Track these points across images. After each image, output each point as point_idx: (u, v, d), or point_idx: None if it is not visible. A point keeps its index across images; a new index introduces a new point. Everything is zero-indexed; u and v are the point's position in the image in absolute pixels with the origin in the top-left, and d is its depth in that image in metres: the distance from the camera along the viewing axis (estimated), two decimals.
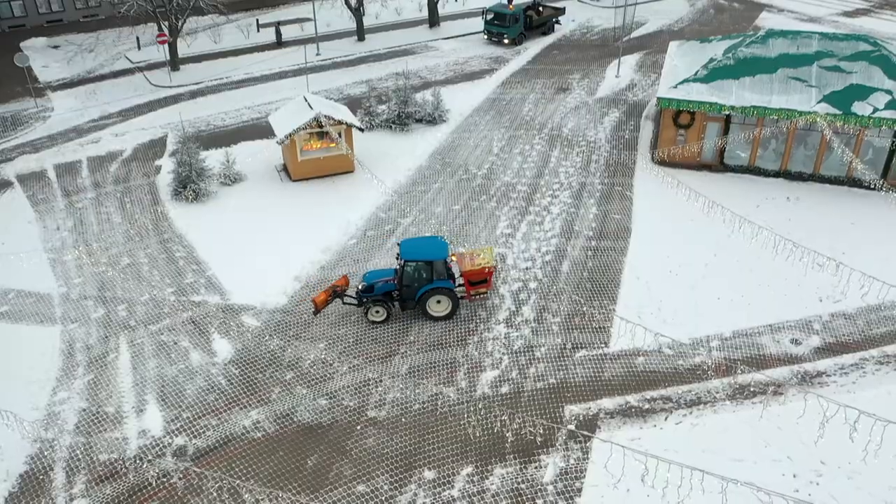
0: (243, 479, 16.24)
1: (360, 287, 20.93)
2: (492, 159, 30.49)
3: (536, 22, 46.28)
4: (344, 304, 21.20)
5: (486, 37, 45.90)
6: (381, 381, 18.96)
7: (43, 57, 44.28)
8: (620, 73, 39.14)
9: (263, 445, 17.16)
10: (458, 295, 20.86)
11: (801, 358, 19.49)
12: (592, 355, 19.69)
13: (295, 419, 17.86)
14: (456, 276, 21.04)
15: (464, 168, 29.82)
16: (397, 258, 20.56)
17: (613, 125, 33.15)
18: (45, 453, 16.95)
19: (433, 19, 48.94)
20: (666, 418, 17.69)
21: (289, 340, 20.38)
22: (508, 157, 30.56)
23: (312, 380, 19.00)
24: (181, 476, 16.28)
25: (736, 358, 19.47)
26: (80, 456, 16.84)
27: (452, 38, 46.97)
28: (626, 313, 20.98)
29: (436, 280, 20.36)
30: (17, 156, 31.40)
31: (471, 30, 47.79)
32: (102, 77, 40.86)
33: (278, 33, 45.96)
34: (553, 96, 36.80)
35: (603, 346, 20.04)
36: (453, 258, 20.94)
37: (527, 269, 23.31)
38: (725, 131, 28.25)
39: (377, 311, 20.67)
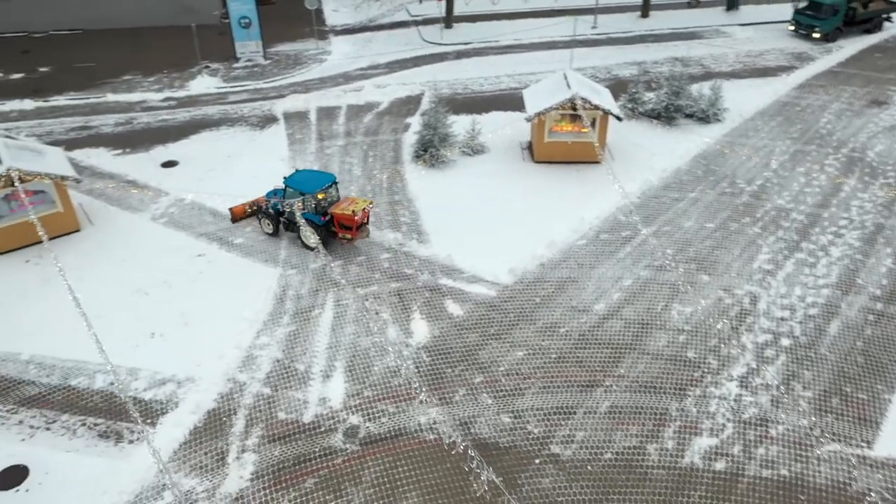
0: (403, 481, 15.11)
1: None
2: (767, 175, 25.86)
3: (861, 16, 38.83)
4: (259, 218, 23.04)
5: (792, 28, 39.62)
6: (575, 413, 16.64)
7: (336, 1, 46.81)
8: None
9: (433, 450, 15.82)
10: (326, 232, 21.63)
11: None
12: (847, 454, 15.46)
13: (472, 430, 16.27)
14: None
15: (730, 180, 25.64)
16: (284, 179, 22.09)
17: None
18: (235, 396, 17.24)
19: (732, 1, 43.42)
20: None
21: (487, 339, 18.77)
22: (788, 176, 25.70)
23: (501, 390, 17.23)
24: (346, 458, 15.58)
25: None
26: (263, 408, 16.88)
27: (750, 24, 41.31)
28: None
29: (308, 212, 21.44)
30: (288, 94, 33.25)
31: (775, 18, 41.60)
32: (381, 27, 42.08)
33: None
34: (863, 109, 30.46)
35: (864, 444, 15.67)
36: (321, 196, 21.60)
37: (782, 319, 19.16)
38: None
39: (267, 223, 22.80)
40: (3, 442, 16.00)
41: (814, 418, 16.31)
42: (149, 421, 16.44)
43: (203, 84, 34.79)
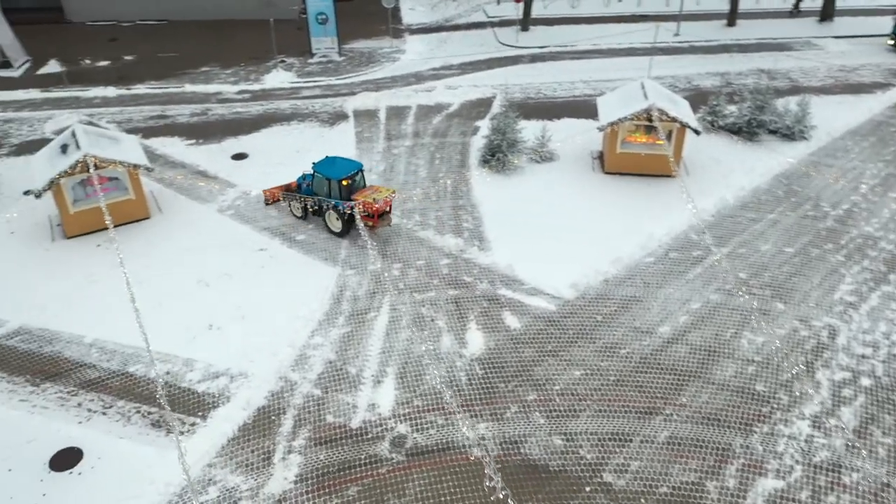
0: (448, 498, 14.69)
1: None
2: (855, 199, 24.31)
3: None
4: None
5: (891, 42, 37.35)
6: (631, 440, 15.87)
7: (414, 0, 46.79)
8: None
9: (479, 468, 15.34)
10: (351, 218, 21.79)
11: None
12: None
13: (522, 450, 15.72)
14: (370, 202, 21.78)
15: (813, 202, 24.21)
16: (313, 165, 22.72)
17: None
18: (285, 395, 17.18)
19: (827, 11, 41.26)
20: None
21: (544, 356, 18.17)
22: (879, 202, 24.09)
23: (555, 410, 16.61)
24: (391, 468, 15.28)
25: None
26: (312, 409, 16.76)
27: (845, 37, 39.12)
28: None
29: (334, 197, 21.93)
30: (360, 91, 33.31)
31: (873, 31, 39.29)
32: (457, 27, 41.79)
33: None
34: None
35: None
36: (346, 182, 21.86)
37: (863, 357, 17.87)
38: None
39: (297, 207, 23.41)
40: (61, 423, 16.37)
41: (892, 469, 15.09)
42: (200, 413, 16.56)
43: (278, 78, 35.25)
